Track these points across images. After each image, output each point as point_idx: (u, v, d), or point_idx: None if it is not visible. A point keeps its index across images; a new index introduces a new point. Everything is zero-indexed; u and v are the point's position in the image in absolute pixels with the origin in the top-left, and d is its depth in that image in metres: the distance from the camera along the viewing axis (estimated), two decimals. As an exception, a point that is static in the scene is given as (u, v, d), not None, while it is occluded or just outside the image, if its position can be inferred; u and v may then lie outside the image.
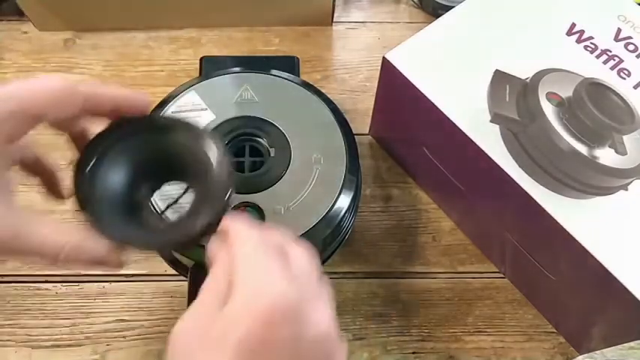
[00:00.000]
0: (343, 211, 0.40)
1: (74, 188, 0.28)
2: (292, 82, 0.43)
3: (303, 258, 0.27)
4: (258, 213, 0.38)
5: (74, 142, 0.30)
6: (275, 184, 0.39)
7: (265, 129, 0.41)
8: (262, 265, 0.24)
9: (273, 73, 0.44)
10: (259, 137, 0.42)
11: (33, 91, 0.26)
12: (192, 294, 0.36)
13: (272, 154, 0.41)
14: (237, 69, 0.45)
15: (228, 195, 0.28)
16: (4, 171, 0.26)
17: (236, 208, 0.38)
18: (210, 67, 0.48)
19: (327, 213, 0.39)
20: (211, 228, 0.28)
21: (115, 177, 0.29)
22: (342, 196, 0.40)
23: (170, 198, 0.34)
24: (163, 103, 0.42)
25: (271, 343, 0.22)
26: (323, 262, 0.44)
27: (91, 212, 0.28)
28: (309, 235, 0.38)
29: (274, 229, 0.28)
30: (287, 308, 0.23)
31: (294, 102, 0.39)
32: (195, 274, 0.37)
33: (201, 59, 0.47)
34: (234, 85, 0.43)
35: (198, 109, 0.42)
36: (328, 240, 0.40)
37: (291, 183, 0.39)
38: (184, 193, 0.33)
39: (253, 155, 0.41)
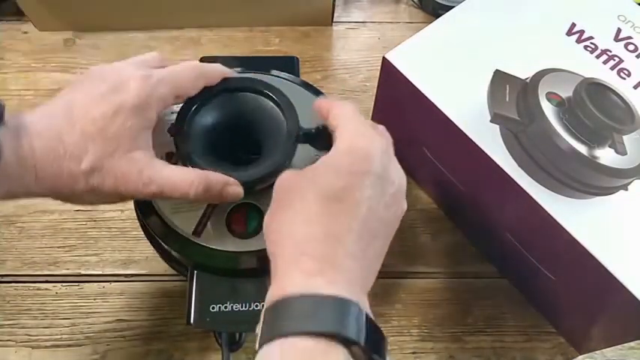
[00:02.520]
0: None
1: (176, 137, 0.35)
2: (292, 82, 0.43)
3: (385, 132, 0.34)
4: (257, 214, 0.38)
5: None
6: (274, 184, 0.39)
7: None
8: (360, 121, 0.32)
9: (272, 74, 0.43)
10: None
11: (182, 79, 0.34)
12: (192, 294, 0.36)
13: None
14: (237, 69, 0.44)
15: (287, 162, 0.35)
16: (148, 132, 0.33)
17: (235, 208, 0.38)
18: None
19: None
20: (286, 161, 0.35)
21: (207, 128, 0.36)
22: None
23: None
24: None
25: (365, 174, 0.29)
26: None
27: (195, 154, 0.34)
28: None
29: None
30: (380, 150, 0.30)
31: (293, 102, 0.39)
32: (195, 274, 0.37)
33: (200, 60, 0.47)
34: None
35: None
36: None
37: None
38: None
39: (253, 153, 0.41)
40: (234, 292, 0.37)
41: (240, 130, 0.37)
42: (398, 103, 0.47)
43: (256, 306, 0.36)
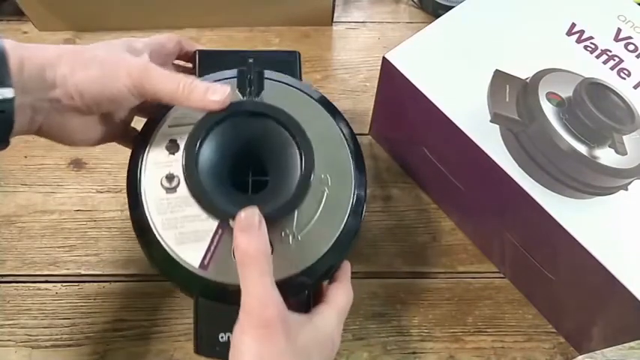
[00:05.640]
0: (350, 238, 0.36)
1: (184, 163, 0.33)
2: (293, 86, 0.39)
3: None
4: None
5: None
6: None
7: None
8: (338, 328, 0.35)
9: (273, 78, 0.39)
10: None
11: (156, 36, 0.38)
12: (199, 322, 0.35)
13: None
14: (235, 72, 0.40)
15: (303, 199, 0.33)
16: (147, 56, 0.36)
17: None
18: (207, 63, 0.42)
19: (336, 239, 0.35)
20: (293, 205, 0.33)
21: (214, 155, 0.34)
22: (349, 222, 0.36)
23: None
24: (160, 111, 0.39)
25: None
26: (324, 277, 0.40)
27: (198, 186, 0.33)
28: (317, 266, 0.35)
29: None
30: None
31: (296, 110, 0.35)
32: (201, 303, 0.35)
33: (195, 53, 0.42)
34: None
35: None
36: (336, 265, 0.37)
37: (300, 209, 0.35)
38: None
39: (257, 174, 0.37)
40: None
41: (250, 155, 0.35)
42: (398, 103, 0.47)
43: None
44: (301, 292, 0.35)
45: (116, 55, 0.33)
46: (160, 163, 0.36)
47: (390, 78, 0.44)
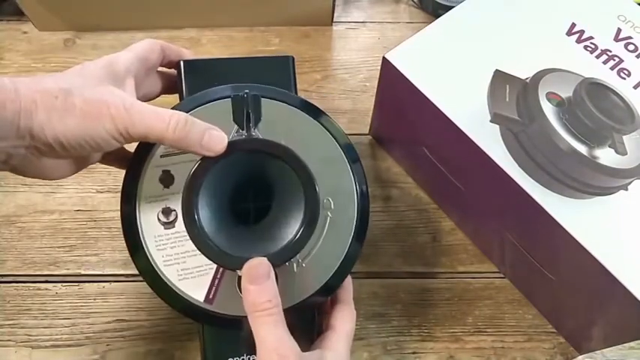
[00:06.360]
0: (353, 259, 0.36)
1: (184, 209, 0.31)
2: (291, 105, 0.37)
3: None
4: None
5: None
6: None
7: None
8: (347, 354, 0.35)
9: (269, 96, 0.36)
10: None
11: (138, 48, 0.36)
12: (206, 349, 0.35)
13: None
14: (225, 92, 0.36)
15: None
16: (131, 80, 0.34)
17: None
18: (192, 74, 0.38)
19: (340, 264, 0.35)
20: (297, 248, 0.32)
21: (214, 195, 0.32)
22: (352, 245, 0.36)
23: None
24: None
25: None
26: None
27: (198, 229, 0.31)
28: (320, 292, 0.35)
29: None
30: None
31: (295, 132, 0.34)
32: (207, 329, 0.35)
33: (178, 63, 0.38)
34: (224, 114, 0.36)
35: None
36: (336, 288, 0.36)
37: None
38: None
39: (259, 199, 0.35)
40: (250, 345, 0.32)
41: (251, 184, 0.34)
42: (398, 103, 0.47)
43: None
44: (308, 316, 0.36)
45: (96, 98, 0.30)
46: (155, 197, 0.34)
47: (390, 78, 0.44)
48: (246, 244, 0.32)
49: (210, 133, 0.31)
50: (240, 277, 0.33)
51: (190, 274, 0.34)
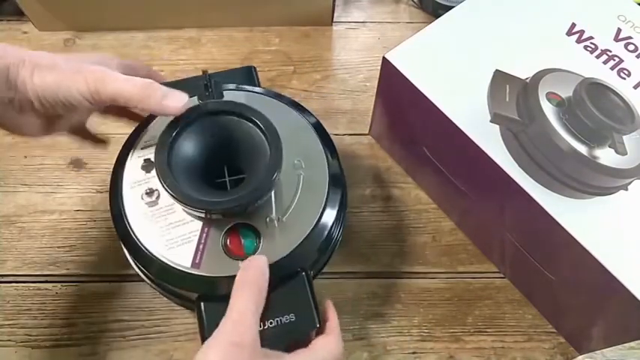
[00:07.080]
0: (335, 212, 0.38)
1: (156, 161, 0.34)
2: (251, 91, 0.42)
3: None
4: (254, 233, 0.36)
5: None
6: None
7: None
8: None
9: (230, 88, 0.42)
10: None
11: (131, 64, 0.38)
12: (204, 327, 0.35)
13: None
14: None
15: (275, 176, 0.34)
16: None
17: (228, 231, 0.36)
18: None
19: (319, 217, 0.37)
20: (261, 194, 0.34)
21: (187, 157, 0.35)
22: (330, 196, 0.38)
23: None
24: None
25: None
26: (323, 266, 0.42)
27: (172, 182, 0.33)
28: (305, 245, 0.36)
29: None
30: None
31: (258, 107, 0.37)
32: (202, 305, 0.35)
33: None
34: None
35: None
36: (324, 245, 0.38)
37: (279, 193, 0.38)
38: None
39: (233, 174, 0.38)
40: None
41: (222, 152, 0.37)
42: (398, 103, 0.47)
43: (270, 323, 0.34)
44: (294, 275, 0.36)
45: (77, 64, 0.34)
46: (138, 182, 0.38)
47: (390, 78, 0.44)
48: (221, 197, 0.34)
49: (172, 91, 0.34)
50: (223, 238, 0.36)
51: (176, 242, 0.36)
